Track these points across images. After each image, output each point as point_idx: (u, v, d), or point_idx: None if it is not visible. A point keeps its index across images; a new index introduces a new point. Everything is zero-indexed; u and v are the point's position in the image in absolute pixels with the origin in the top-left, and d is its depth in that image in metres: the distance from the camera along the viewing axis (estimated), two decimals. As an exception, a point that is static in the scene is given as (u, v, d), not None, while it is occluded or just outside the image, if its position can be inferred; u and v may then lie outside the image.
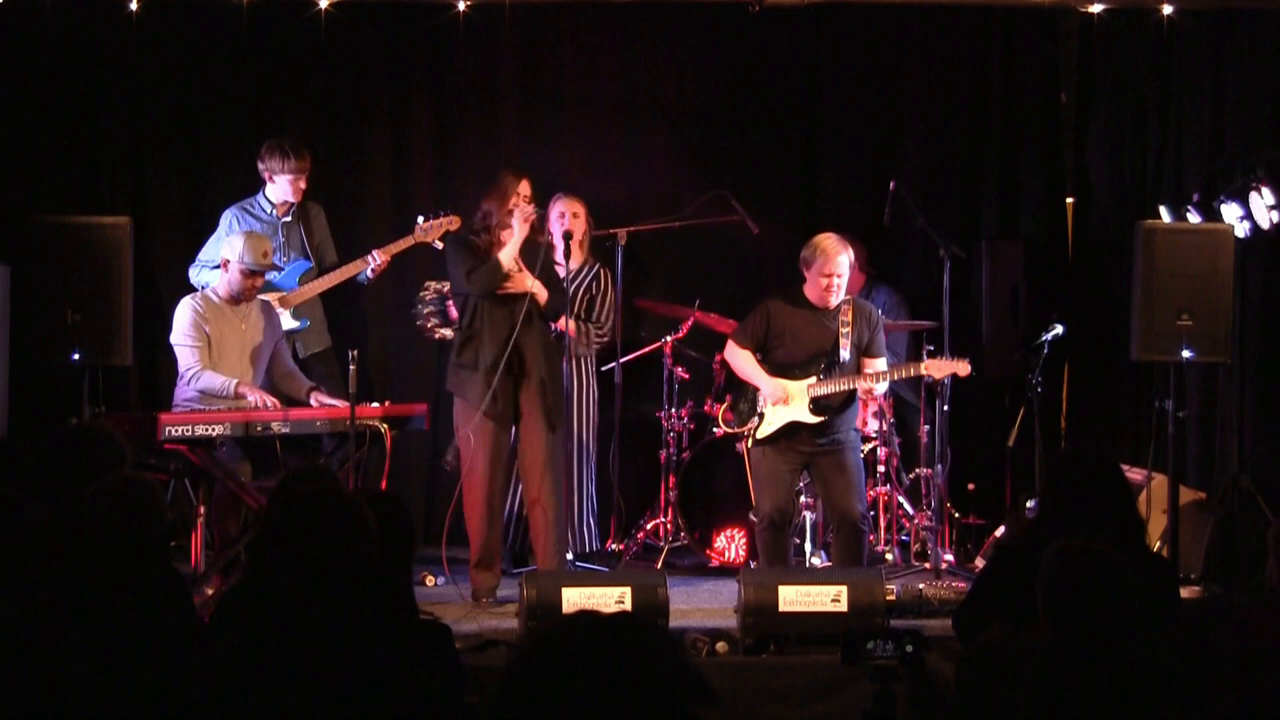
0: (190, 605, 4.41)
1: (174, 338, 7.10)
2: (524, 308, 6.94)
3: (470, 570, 7.06)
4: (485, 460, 6.99)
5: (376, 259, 7.55)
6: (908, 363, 7.38)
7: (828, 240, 6.93)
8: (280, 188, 7.61)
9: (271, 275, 7.33)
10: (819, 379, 6.93)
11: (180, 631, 4.11)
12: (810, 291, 6.95)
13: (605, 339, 7.85)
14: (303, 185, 7.63)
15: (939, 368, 7.12)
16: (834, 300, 6.93)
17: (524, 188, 7.04)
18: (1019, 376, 8.05)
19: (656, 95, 8.69)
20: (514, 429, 7.11)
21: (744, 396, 7.15)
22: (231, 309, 7.14)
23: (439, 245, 7.58)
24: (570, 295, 7.51)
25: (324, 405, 7.05)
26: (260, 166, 7.63)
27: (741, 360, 7.08)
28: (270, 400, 6.96)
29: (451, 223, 7.56)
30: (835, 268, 6.86)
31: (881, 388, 7.19)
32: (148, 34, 8.02)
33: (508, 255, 6.91)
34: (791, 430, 6.96)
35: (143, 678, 3.83)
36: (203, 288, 7.42)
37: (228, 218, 7.64)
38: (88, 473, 4.53)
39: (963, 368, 7.09)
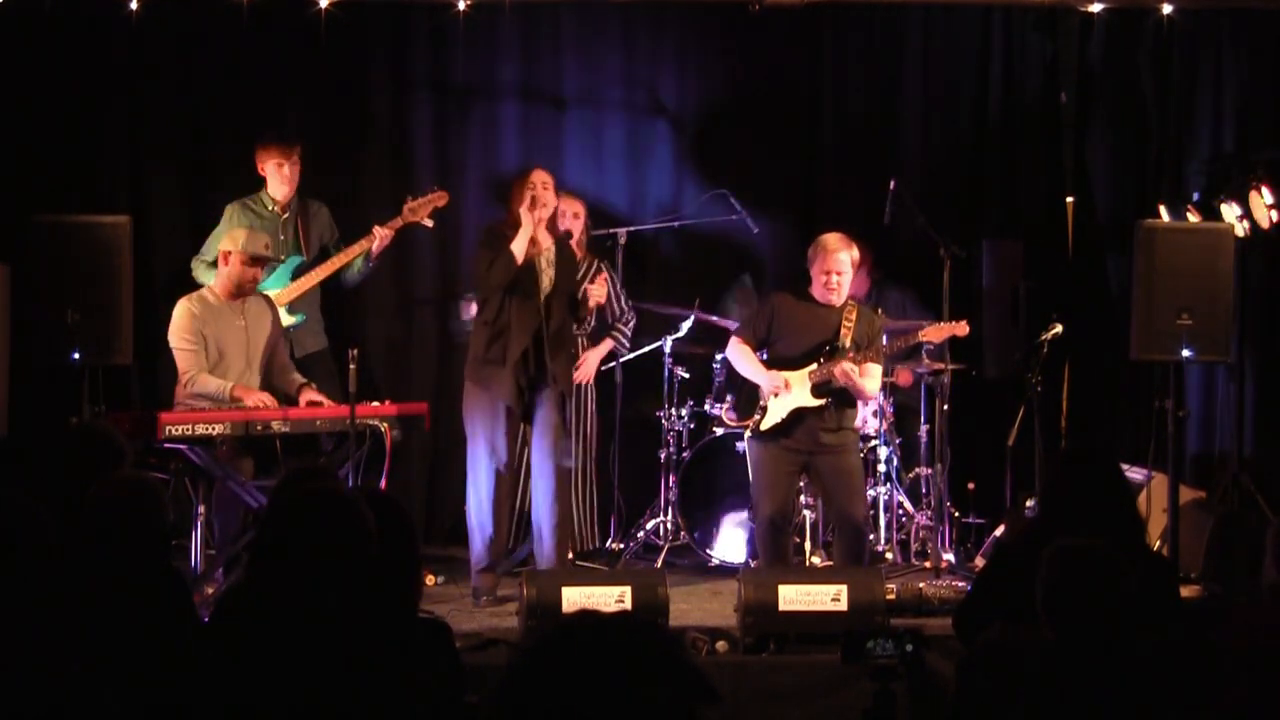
0: (190, 605, 4.41)
1: (171, 340, 7.08)
2: (549, 305, 6.94)
3: (471, 569, 7.06)
4: (498, 457, 6.97)
5: (378, 238, 7.52)
6: (906, 334, 7.37)
7: (831, 238, 6.96)
8: (272, 178, 7.62)
9: (271, 267, 7.34)
10: (820, 364, 6.94)
11: (180, 631, 4.11)
12: (814, 289, 6.98)
13: (632, 322, 7.93)
14: (288, 172, 7.61)
15: (937, 332, 7.19)
16: (836, 299, 6.95)
17: (537, 177, 7.03)
18: (1019, 376, 8.05)
19: (656, 95, 8.69)
20: (527, 426, 7.10)
21: (745, 392, 7.16)
22: (230, 306, 7.13)
23: (429, 224, 7.57)
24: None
25: (312, 404, 7.02)
26: (257, 162, 7.64)
27: (740, 355, 7.07)
28: (269, 400, 6.95)
29: (440, 198, 7.55)
30: (835, 265, 6.88)
31: (876, 384, 7.16)
32: (148, 34, 8.03)
33: (519, 246, 6.90)
34: (794, 423, 6.94)
35: (143, 677, 3.83)
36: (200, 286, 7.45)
37: (229, 212, 7.65)
38: (89, 472, 4.53)
39: (960, 328, 7.15)
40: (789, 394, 6.94)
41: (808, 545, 7.65)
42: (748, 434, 7.10)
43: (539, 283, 6.94)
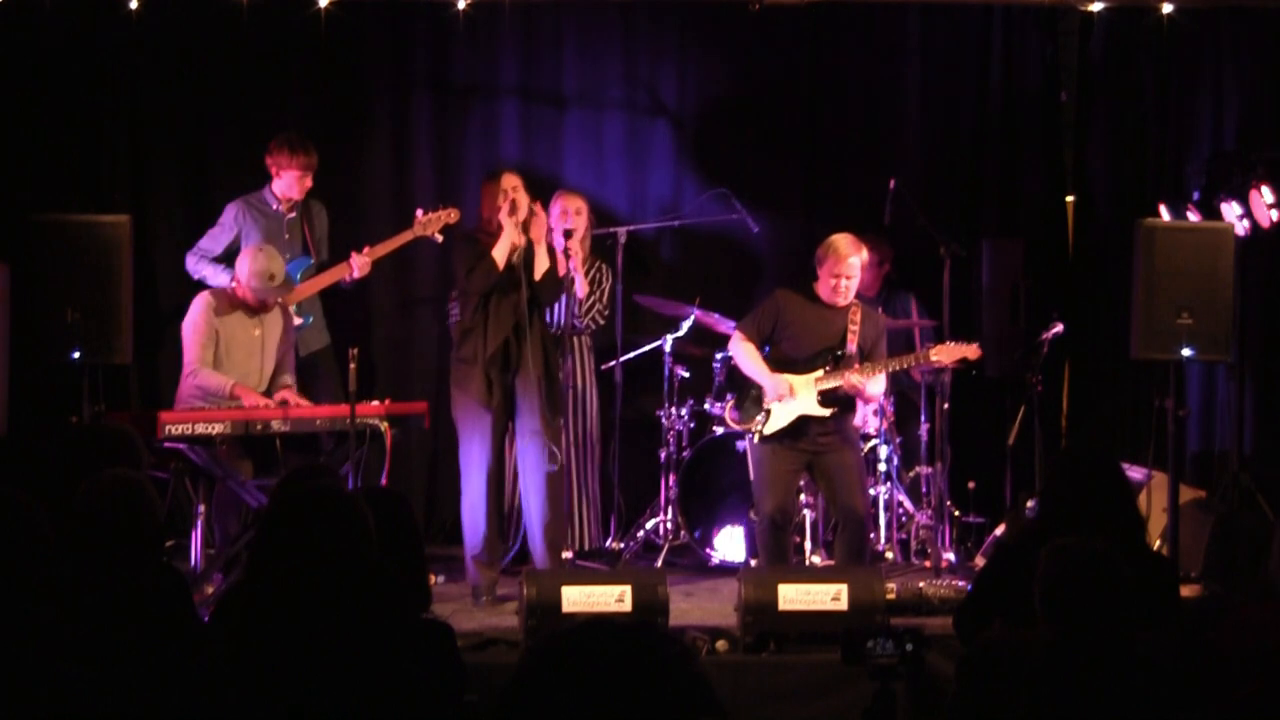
0: (190, 604, 4.40)
1: (184, 329, 7.14)
2: (525, 302, 6.96)
3: (469, 566, 7.07)
4: (483, 454, 6.99)
5: (355, 268, 7.49)
6: (917, 352, 7.37)
7: (842, 241, 6.92)
8: (285, 183, 7.59)
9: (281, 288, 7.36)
10: (826, 371, 6.93)
11: (180, 630, 4.11)
12: (821, 289, 6.96)
13: (601, 322, 7.85)
14: (308, 183, 7.61)
15: (948, 352, 7.11)
16: (843, 300, 6.94)
17: (507, 181, 7.04)
18: (1019, 375, 8.05)
19: (656, 95, 8.69)
20: (511, 423, 7.11)
21: (747, 394, 7.15)
22: (244, 310, 7.16)
23: (438, 238, 7.57)
24: (580, 297, 7.58)
25: (287, 405, 7.02)
26: (268, 160, 7.62)
27: (745, 354, 7.06)
28: (265, 403, 6.97)
29: (450, 215, 7.54)
30: (846, 269, 6.86)
31: (880, 387, 7.17)
32: (148, 33, 8.03)
33: (501, 253, 6.93)
34: (798, 426, 6.95)
35: (142, 677, 3.83)
36: (201, 279, 7.46)
37: (232, 210, 7.62)
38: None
39: (972, 351, 7.09)
40: (794, 400, 6.93)
41: (808, 545, 7.65)
42: (749, 435, 7.10)
43: (518, 280, 6.96)
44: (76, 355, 6.81)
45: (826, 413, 6.91)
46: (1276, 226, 7.63)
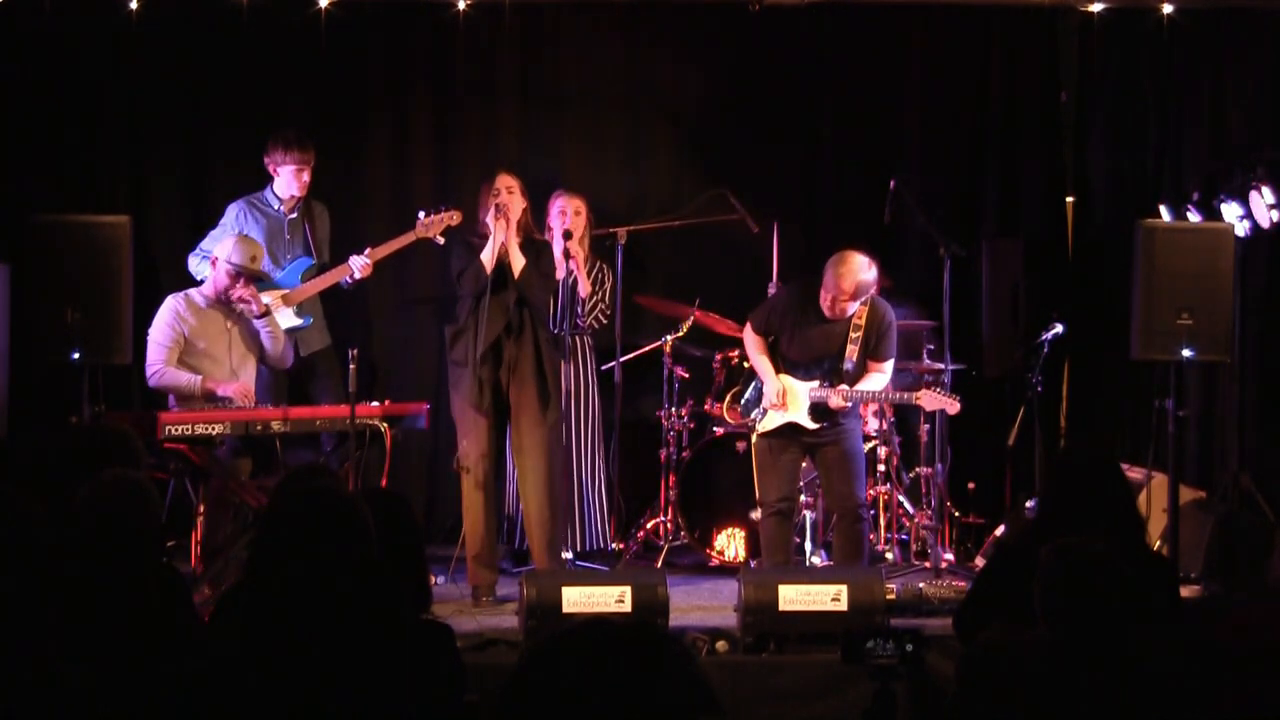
0: (190, 604, 4.40)
1: (150, 331, 7.17)
2: (514, 303, 6.98)
3: (468, 566, 7.07)
4: (477, 455, 7.01)
5: (355, 269, 7.50)
6: (903, 390, 7.39)
7: (847, 264, 6.76)
8: (284, 180, 7.60)
9: (270, 270, 7.36)
10: (821, 383, 6.92)
11: (180, 630, 4.11)
12: (821, 295, 6.91)
13: (604, 322, 7.85)
14: (306, 178, 7.62)
15: (931, 400, 7.09)
16: (836, 315, 6.89)
17: (501, 181, 7.08)
18: (1019, 375, 8.06)
19: (657, 95, 8.69)
20: (509, 424, 7.12)
21: (749, 388, 7.16)
22: (218, 307, 7.18)
23: (440, 240, 7.57)
24: (583, 297, 7.57)
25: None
26: (266, 160, 7.63)
27: (752, 350, 7.10)
28: (248, 389, 6.99)
29: (453, 217, 7.53)
30: (838, 294, 6.78)
31: (883, 380, 7.16)
32: (148, 33, 8.03)
33: (488, 255, 6.95)
34: (793, 426, 6.97)
35: (142, 677, 3.83)
36: (200, 281, 7.47)
37: (234, 210, 7.64)
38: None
39: (953, 406, 7.07)
40: (786, 411, 6.93)
41: (808, 545, 7.65)
42: (750, 429, 7.13)
43: (507, 281, 6.99)
44: (76, 355, 6.82)
45: (815, 426, 6.92)
46: (1276, 227, 7.64)
